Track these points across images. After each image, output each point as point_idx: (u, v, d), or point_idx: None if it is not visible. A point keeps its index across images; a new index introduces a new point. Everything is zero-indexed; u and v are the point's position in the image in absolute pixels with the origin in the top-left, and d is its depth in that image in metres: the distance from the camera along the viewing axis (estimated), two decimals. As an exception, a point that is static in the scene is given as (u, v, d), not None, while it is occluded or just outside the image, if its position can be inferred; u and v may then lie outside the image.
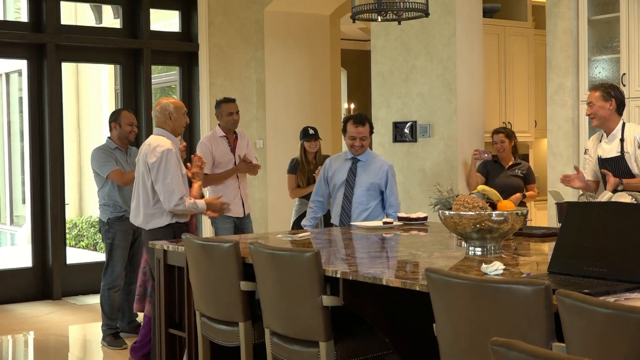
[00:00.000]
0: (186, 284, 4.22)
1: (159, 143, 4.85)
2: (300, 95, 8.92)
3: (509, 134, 6.85)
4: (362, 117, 5.47)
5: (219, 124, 6.50)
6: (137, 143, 7.41)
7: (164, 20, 9.20)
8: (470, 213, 3.55)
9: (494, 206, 3.70)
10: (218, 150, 6.41)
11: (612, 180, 4.70)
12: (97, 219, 6.21)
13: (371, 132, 5.50)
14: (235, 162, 6.45)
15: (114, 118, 6.09)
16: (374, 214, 5.43)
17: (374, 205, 5.45)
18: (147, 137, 5.36)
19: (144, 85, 8.20)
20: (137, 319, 6.28)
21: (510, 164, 6.81)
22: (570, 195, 5.99)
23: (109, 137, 6.11)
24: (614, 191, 4.64)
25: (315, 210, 5.64)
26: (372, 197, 5.44)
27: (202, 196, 5.27)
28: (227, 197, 6.19)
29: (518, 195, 6.56)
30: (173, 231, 4.88)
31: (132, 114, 6.23)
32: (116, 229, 6.00)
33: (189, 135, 8.44)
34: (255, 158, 6.62)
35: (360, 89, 12.74)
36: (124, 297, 6.17)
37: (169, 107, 4.96)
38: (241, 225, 6.50)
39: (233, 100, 6.54)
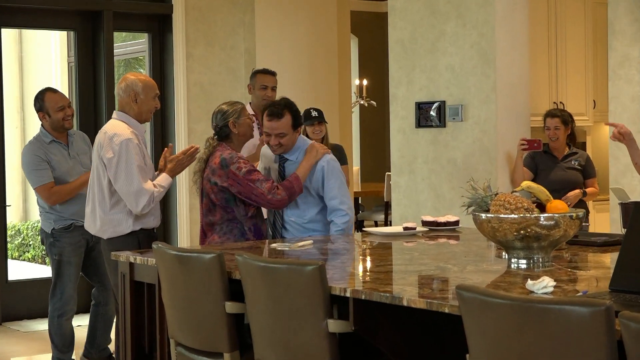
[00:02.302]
0: (158, 305, 4.23)
1: (117, 132, 4.86)
2: (300, 70, 8.92)
3: (566, 119, 6.78)
4: (278, 108, 5.08)
5: (250, 102, 6.44)
6: (96, 125, 7.43)
7: (129, -24, 9.22)
8: (512, 216, 3.55)
9: (542, 207, 3.71)
10: None
11: None
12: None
13: (297, 124, 5.13)
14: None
15: (39, 106, 5.89)
16: (316, 227, 5.18)
17: (314, 216, 5.18)
18: (107, 121, 5.36)
19: (104, 56, 8.21)
20: (109, 345, 6.20)
21: (564, 154, 6.79)
22: (639, 193, 5.99)
23: (42, 127, 5.94)
24: None
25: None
26: (310, 204, 5.19)
27: None
28: None
29: (577, 191, 6.53)
30: (137, 240, 4.90)
31: (60, 93, 5.99)
32: (64, 242, 5.88)
33: (161, 121, 8.45)
34: None
35: (375, 61, 12.74)
36: (96, 319, 6.06)
37: (137, 86, 4.96)
38: None
39: (272, 73, 6.48)
